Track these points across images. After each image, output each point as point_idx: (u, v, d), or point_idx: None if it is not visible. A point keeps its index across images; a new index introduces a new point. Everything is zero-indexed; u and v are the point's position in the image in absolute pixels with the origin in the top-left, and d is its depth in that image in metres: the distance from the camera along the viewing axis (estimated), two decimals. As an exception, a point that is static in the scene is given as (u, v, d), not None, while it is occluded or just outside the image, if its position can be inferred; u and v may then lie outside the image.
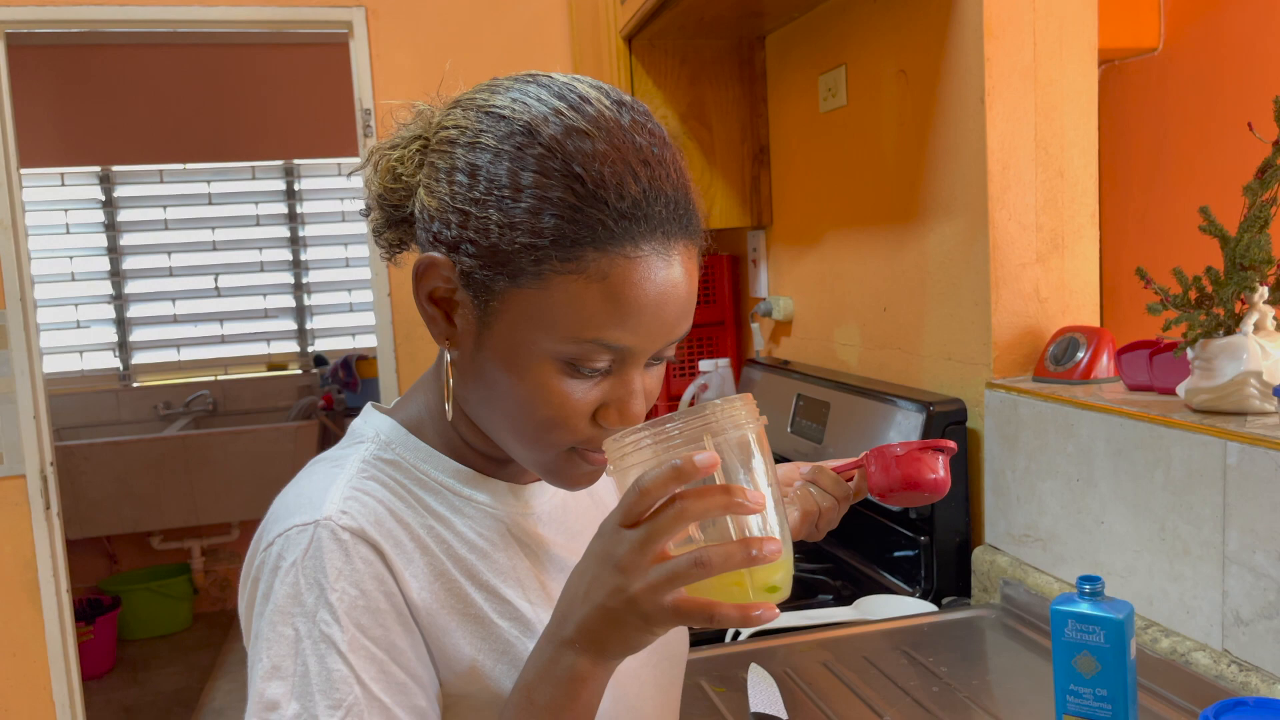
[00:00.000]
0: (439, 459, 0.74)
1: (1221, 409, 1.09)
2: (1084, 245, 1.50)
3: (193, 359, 4.70)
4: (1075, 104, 1.48)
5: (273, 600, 0.64)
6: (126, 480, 4.02)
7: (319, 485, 0.70)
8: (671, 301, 0.67)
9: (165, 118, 4.49)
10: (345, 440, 0.77)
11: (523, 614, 0.72)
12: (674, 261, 0.67)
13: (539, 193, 0.64)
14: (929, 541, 1.50)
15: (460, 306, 0.69)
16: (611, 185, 0.64)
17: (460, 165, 0.67)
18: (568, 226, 0.64)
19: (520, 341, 0.67)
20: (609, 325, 0.65)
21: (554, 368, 0.67)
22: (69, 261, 4.54)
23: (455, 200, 0.67)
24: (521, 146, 0.65)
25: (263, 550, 0.67)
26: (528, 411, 0.68)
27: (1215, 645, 1.07)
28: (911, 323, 1.69)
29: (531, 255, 0.64)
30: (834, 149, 1.93)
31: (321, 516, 0.66)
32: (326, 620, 0.63)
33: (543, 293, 0.65)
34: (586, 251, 0.64)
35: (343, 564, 0.65)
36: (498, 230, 0.65)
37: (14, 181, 2.51)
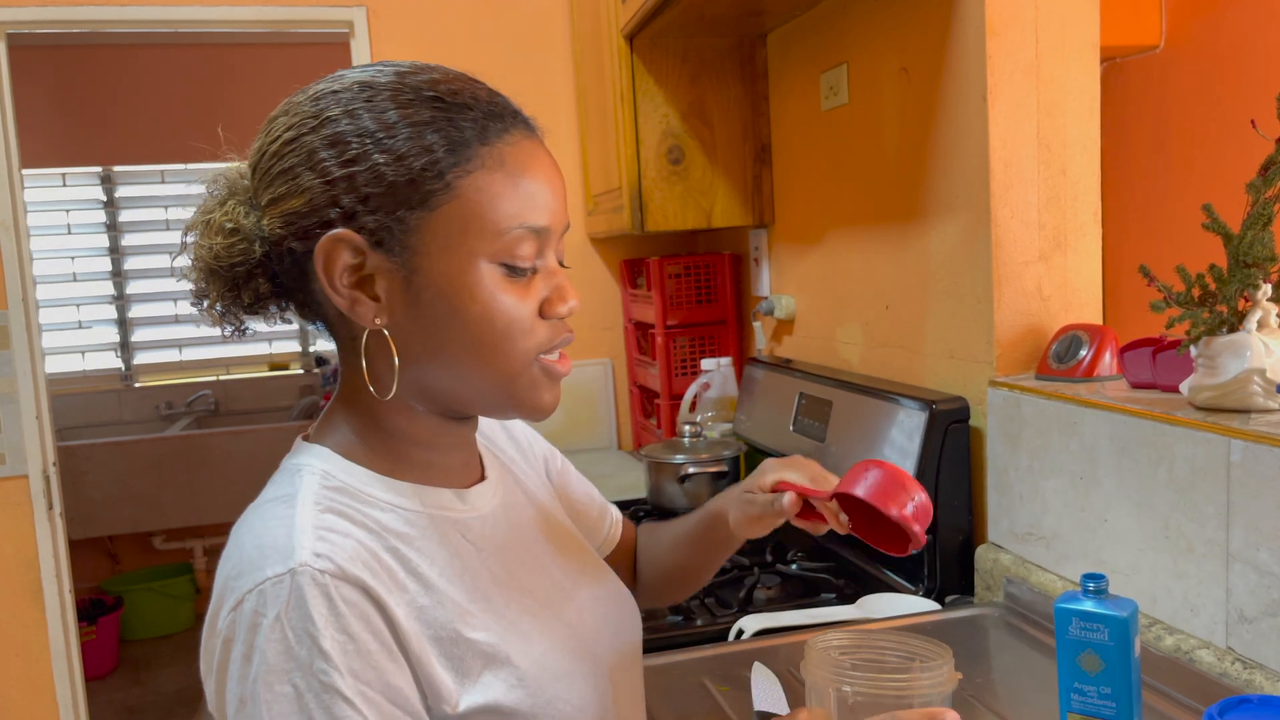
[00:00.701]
0: (378, 478, 0.74)
1: (1225, 406, 1.09)
2: (1087, 243, 1.50)
3: (194, 359, 4.70)
4: (1078, 101, 1.48)
5: (260, 660, 0.61)
6: (128, 480, 4.02)
7: (279, 529, 0.66)
8: (558, 181, 0.74)
9: (166, 118, 4.49)
10: (281, 476, 0.74)
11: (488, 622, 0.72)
12: (539, 143, 0.74)
13: (410, 119, 0.68)
14: (932, 540, 1.50)
15: (378, 274, 0.70)
16: (465, 95, 0.71)
17: (317, 146, 0.69)
18: (452, 132, 0.69)
19: (456, 263, 0.69)
20: (524, 208, 0.70)
21: (495, 275, 0.70)
22: (70, 262, 4.55)
23: (330, 175, 0.68)
24: (370, 97, 0.70)
25: (231, 610, 0.64)
26: (487, 328, 0.70)
27: (1219, 643, 1.07)
28: (914, 321, 1.69)
29: (433, 172, 0.68)
30: (836, 147, 1.93)
31: (296, 564, 0.63)
32: (324, 670, 0.61)
33: (456, 202, 0.69)
34: (477, 149, 0.69)
35: (327, 610, 0.63)
36: (391, 169, 0.68)
37: (15, 182, 2.51)
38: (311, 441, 0.76)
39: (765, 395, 2.08)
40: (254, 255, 0.72)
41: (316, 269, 0.69)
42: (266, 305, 0.77)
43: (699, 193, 2.21)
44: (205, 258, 0.73)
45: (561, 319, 0.74)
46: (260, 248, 0.72)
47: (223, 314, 0.76)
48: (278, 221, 0.71)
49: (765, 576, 1.63)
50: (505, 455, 0.93)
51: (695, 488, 1.96)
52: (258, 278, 0.74)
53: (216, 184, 0.76)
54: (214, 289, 0.75)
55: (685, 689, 1.22)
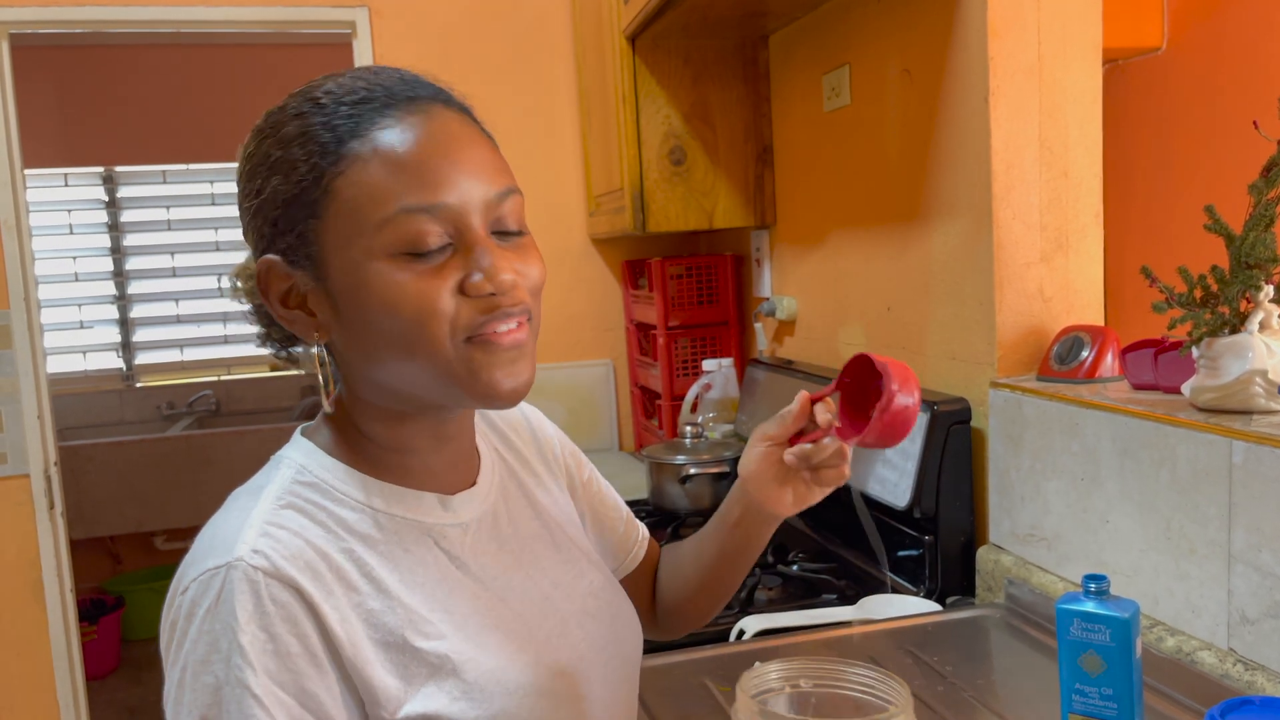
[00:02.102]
0: (358, 476, 0.74)
1: (1227, 407, 1.09)
2: (1088, 244, 1.50)
3: (196, 359, 4.71)
4: (1080, 103, 1.48)
5: (189, 648, 0.63)
6: (130, 480, 4.02)
7: (234, 522, 0.68)
8: (457, 149, 0.69)
9: (168, 118, 4.49)
10: (267, 466, 0.76)
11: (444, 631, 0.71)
12: (434, 115, 0.70)
13: (292, 137, 0.69)
14: (933, 541, 1.50)
15: (307, 291, 0.72)
16: (341, 92, 0.70)
17: (241, 185, 0.74)
18: (324, 134, 0.68)
19: (351, 262, 0.68)
20: (406, 189, 0.67)
21: (390, 264, 0.67)
22: (72, 262, 4.55)
23: (251, 206, 0.72)
24: (263, 128, 0.72)
25: (180, 595, 0.66)
26: (395, 320, 0.67)
27: (1221, 644, 1.07)
28: (915, 322, 1.69)
29: (312, 179, 0.68)
30: (838, 149, 1.93)
31: (233, 558, 0.65)
32: (239, 665, 0.62)
33: (337, 203, 0.68)
34: (349, 144, 0.68)
35: (253, 607, 0.63)
36: (284, 187, 0.69)
37: (18, 182, 2.51)
38: (305, 436, 0.77)
39: (767, 396, 2.08)
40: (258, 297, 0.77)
41: (264, 298, 0.74)
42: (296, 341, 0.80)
43: (701, 194, 2.22)
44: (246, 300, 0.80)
45: (488, 295, 0.69)
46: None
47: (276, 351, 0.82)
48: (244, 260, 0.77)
49: (766, 577, 1.63)
50: (518, 457, 0.90)
51: (697, 488, 1.96)
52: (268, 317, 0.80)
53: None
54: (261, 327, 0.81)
55: (687, 689, 1.22)
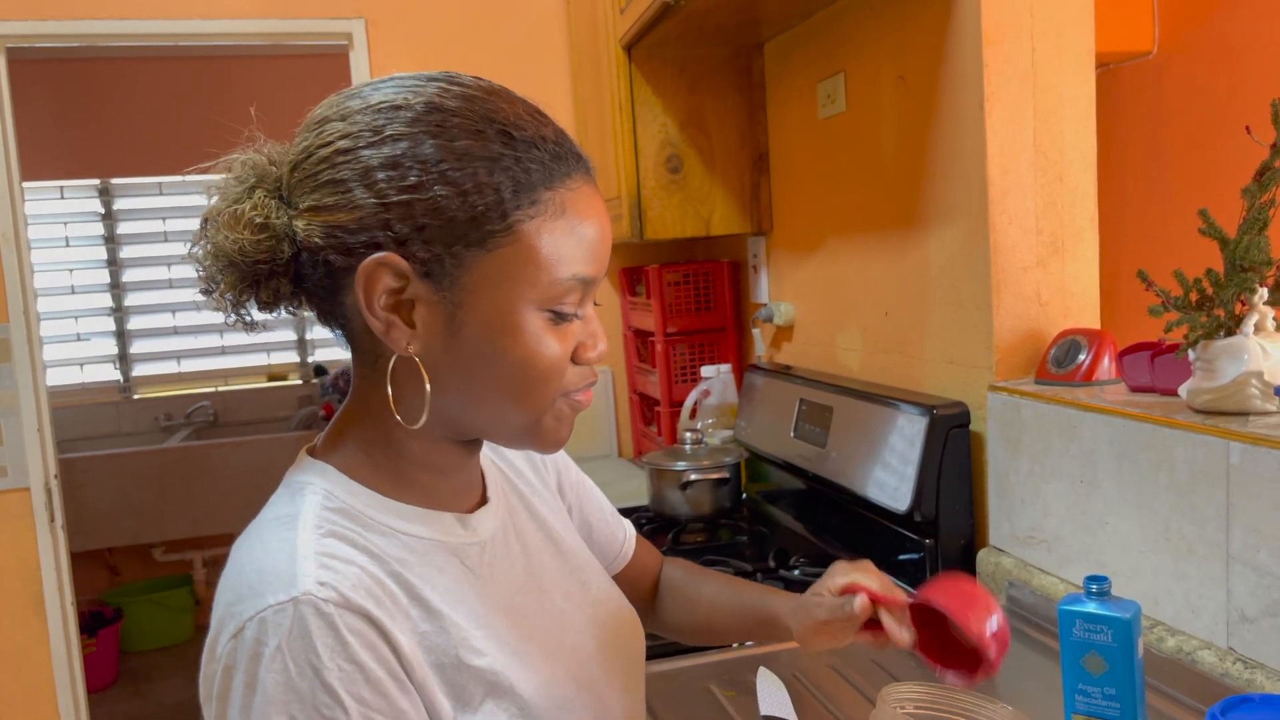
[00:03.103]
0: (381, 500, 0.72)
1: (1224, 409, 1.10)
2: (1084, 249, 1.52)
3: (193, 370, 4.70)
4: (1074, 108, 1.49)
5: (261, 691, 0.60)
6: (128, 492, 4.02)
7: (280, 554, 0.65)
8: (609, 228, 0.73)
9: (164, 129, 4.49)
10: (283, 493, 0.72)
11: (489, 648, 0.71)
12: (598, 193, 0.72)
13: (479, 153, 0.66)
14: (934, 545, 1.51)
15: (419, 302, 0.68)
16: (533, 131, 0.68)
17: (374, 165, 0.66)
18: (520, 174, 0.66)
19: (505, 304, 0.67)
20: (578, 259, 0.69)
21: (541, 320, 0.69)
22: (69, 274, 4.55)
23: (386, 199, 0.65)
24: (439, 123, 0.66)
25: (231, 638, 0.62)
26: (525, 371, 0.68)
27: (1220, 643, 1.08)
28: (913, 327, 1.71)
29: (497, 213, 0.66)
30: (834, 155, 1.94)
31: (299, 593, 0.61)
32: (328, 704, 0.60)
33: (516, 246, 0.67)
34: (541, 193, 0.67)
35: (333, 641, 0.61)
36: (452, 203, 0.65)
37: (16, 195, 2.52)
38: (317, 457, 0.74)
39: (766, 402, 2.09)
40: (282, 255, 0.69)
41: (356, 288, 0.67)
42: (282, 304, 0.73)
43: (698, 201, 2.23)
44: (228, 250, 0.69)
45: (590, 365, 0.74)
46: (289, 249, 0.69)
47: (234, 305, 0.71)
48: (317, 230, 0.67)
49: (768, 581, 1.63)
50: (513, 470, 0.91)
51: (697, 494, 1.97)
52: (280, 277, 0.70)
53: (243, 170, 0.72)
54: (228, 280, 0.70)
55: (691, 694, 1.23)
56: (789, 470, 1.95)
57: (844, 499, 1.75)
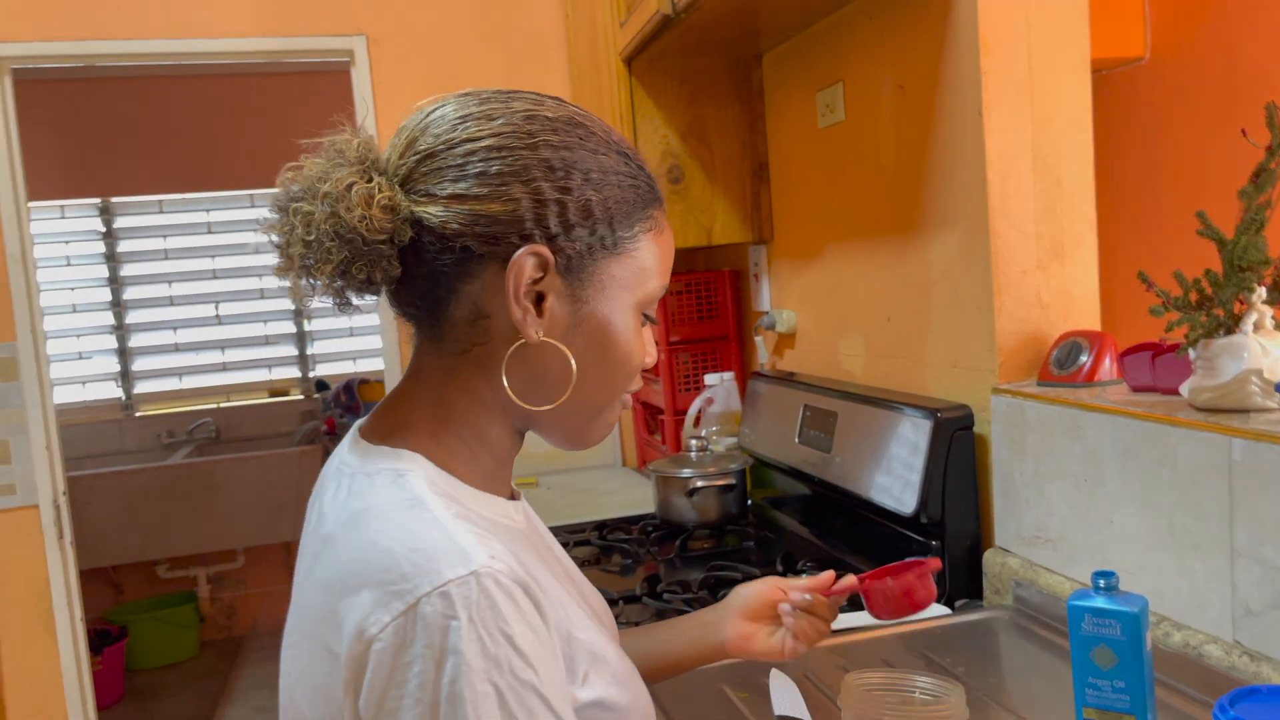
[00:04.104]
0: (470, 490, 0.75)
1: (1224, 407, 1.12)
2: (1084, 252, 1.54)
3: (195, 387, 4.72)
4: (1071, 114, 1.52)
5: (457, 662, 0.61)
6: (132, 509, 4.03)
7: (434, 533, 0.66)
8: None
9: (164, 148, 4.52)
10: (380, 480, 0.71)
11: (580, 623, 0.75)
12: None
13: (615, 168, 0.76)
14: (940, 546, 1.53)
15: (551, 294, 0.74)
16: (639, 158, 0.80)
17: (531, 164, 0.72)
18: (644, 192, 0.78)
19: (621, 304, 0.77)
20: (665, 270, 0.80)
21: (638, 320, 0.79)
22: (71, 293, 4.57)
23: (543, 195, 0.72)
24: (582, 136, 0.75)
25: (400, 615, 0.62)
26: (624, 366, 0.78)
27: (1227, 637, 1.09)
28: (915, 331, 1.73)
29: (628, 221, 0.76)
30: (833, 164, 1.97)
31: (479, 566, 0.64)
32: (523, 668, 0.63)
33: (633, 253, 0.77)
34: (653, 209, 0.79)
35: (513, 610, 0.64)
36: (598, 206, 0.74)
37: (23, 215, 2.54)
38: (388, 444, 0.74)
39: (769, 409, 2.11)
40: (405, 236, 0.71)
41: (507, 276, 0.71)
42: (381, 286, 0.75)
43: (699, 211, 2.25)
44: (352, 226, 0.69)
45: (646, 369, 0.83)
46: (411, 231, 0.71)
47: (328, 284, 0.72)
48: (461, 217, 0.71)
49: (777, 586, 1.65)
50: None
51: (704, 501, 1.99)
52: (390, 259, 0.72)
53: (355, 151, 0.74)
54: (336, 258, 0.70)
55: (704, 695, 1.25)
56: (794, 476, 1.97)
57: (850, 503, 1.76)
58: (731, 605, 1.04)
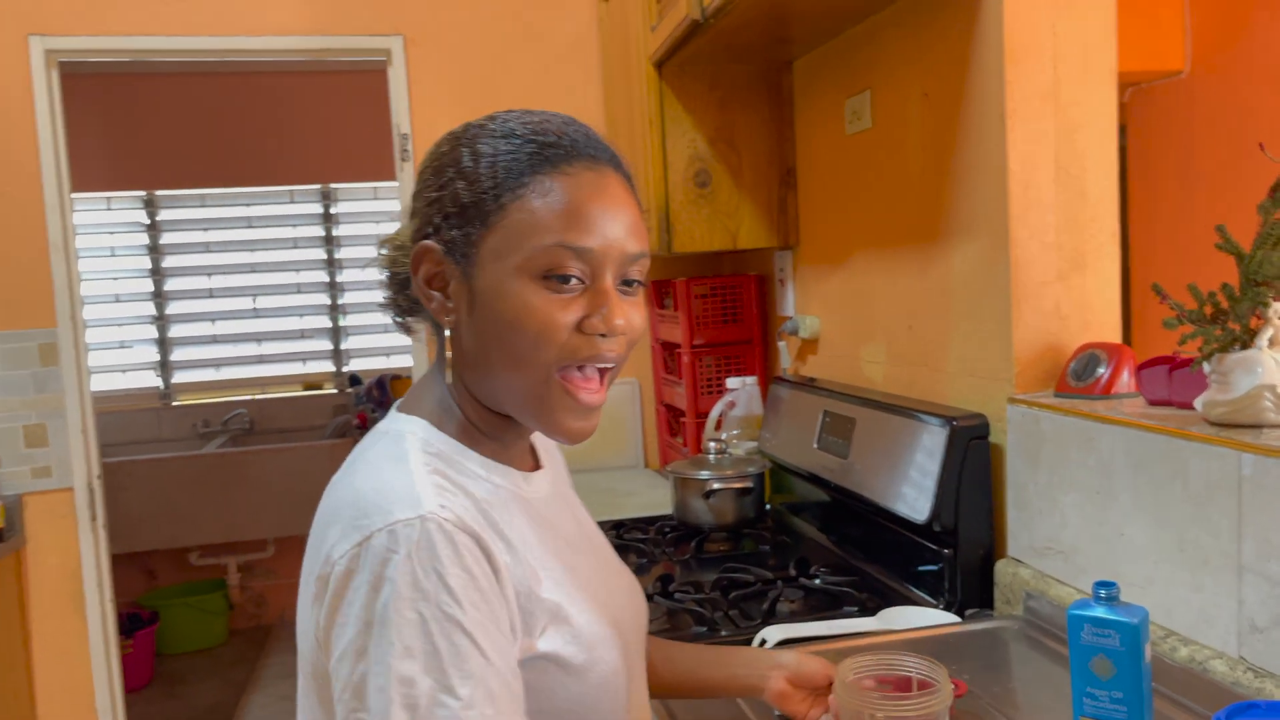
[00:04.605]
0: (465, 450, 0.84)
1: (1238, 421, 1.12)
2: (1105, 264, 1.53)
3: (231, 378, 4.80)
4: (1096, 125, 1.51)
5: (389, 589, 0.70)
6: (166, 497, 4.11)
7: (399, 481, 0.76)
8: (614, 209, 0.81)
9: (207, 143, 4.61)
10: (383, 440, 0.83)
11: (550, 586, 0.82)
12: (606, 176, 0.82)
13: (488, 154, 0.81)
14: (953, 555, 1.53)
15: (452, 280, 0.82)
16: (537, 130, 0.81)
17: (429, 175, 0.84)
18: (513, 163, 0.80)
19: (500, 272, 0.79)
20: (564, 228, 0.79)
21: (531, 285, 0.79)
22: (114, 283, 4.67)
23: (429, 196, 0.83)
24: (474, 135, 0.83)
25: (355, 545, 0.72)
26: (516, 332, 0.79)
27: (1232, 653, 1.09)
28: (936, 340, 1.73)
29: (492, 194, 0.80)
30: (860, 171, 1.97)
31: (425, 511, 0.73)
32: (448, 603, 0.70)
33: (506, 220, 0.79)
34: (530, 177, 0.80)
35: (452, 552, 0.72)
36: (465, 192, 0.81)
37: (66, 205, 2.61)
38: (404, 412, 0.86)
39: (790, 413, 2.11)
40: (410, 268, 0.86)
41: (412, 272, 0.84)
42: (421, 309, 0.89)
43: (725, 215, 2.26)
44: (383, 265, 0.90)
45: (600, 335, 0.80)
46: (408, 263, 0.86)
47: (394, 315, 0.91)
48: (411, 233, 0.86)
49: (789, 590, 1.65)
50: (553, 460, 1.02)
51: (720, 503, 2.00)
52: (410, 285, 0.87)
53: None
54: (389, 293, 0.91)
55: (709, 695, 1.25)
56: (812, 481, 1.97)
57: (865, 510, 1.76)
58: (784, 664, 1.04)
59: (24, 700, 2.63)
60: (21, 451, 2.59)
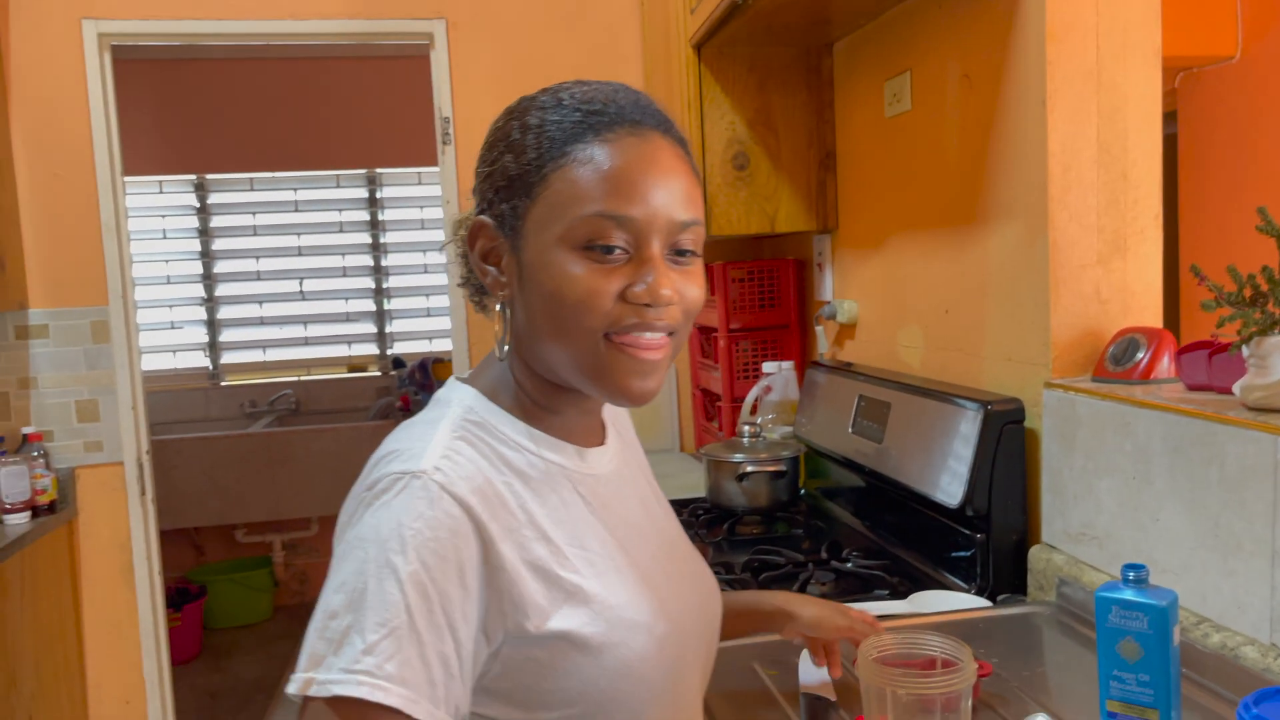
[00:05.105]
0: (515, 422, 0.83)
1: (1275, 406, 1.10)
2: (1147, 247, 1.50)
3: (277, 360, 4.88)
4: (1139, 106, 1.48)
5: (357, 528, 0.72)
6: (214, 474, 4.19)
7: (418, 442, 0.77)
8: (660, 175, 0.79)
9: (256, 128, 4.68)
10: (433, 406, 0.85)
11: (579, 566, 0.79)
12: (652, 142, 0.80)
13: (534, 126, 0.80)
14: (985, 540, 1.52)
15: (504, 253, 0.82)
16: (582, 99, 0.80)
17: (484, 153, 0.85)
18: (557, 133, 0.79)
19: (544, 244, 0.78)
20: (606, 197, 0.77)
21: (573, 255, 0.77)
22: (165, 265, 4.76)
23: (483, 172, 0.84)
24: (524, 108, 0.83)
25: (365, 489, 0.75)
26: (559, 302, 0.77)
27: (1264, 639, 1.07)
28: (973, 324, 1.71)
29: (535, 165, 0.79)
30: (899, 154, 1.96)
31: (417, 468, 0.73)
32: (394, 549, 0.70)
33: (548, 190, 0.78)
34: (573, 145, 0.78)
35: (425, 508, 0.72)
36: (513, 165, 0.80)
37: (118, 187, 2.67)
38: (465, 383, 0.87)
39: (826, 398, 2.11)
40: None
41: (469, 249, 0.85)
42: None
43: (763, 198, 2.26)
44: (459, 245, 0.89)
45: (644, 305, 0.78)
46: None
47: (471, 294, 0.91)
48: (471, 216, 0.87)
49: (820, 572, 1.65)
50: (623, 436, 1.00)
51: (754, 486, 2.00)
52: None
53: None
54: (463, 272, 0.90)
55: (735, 671, 1.26)
56: (847, 466, 1.96)
57: (899, 494, 1.76)
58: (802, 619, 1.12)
59: (74, 667, 2.71)
60: (74, 426, 2.66)
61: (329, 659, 0.68)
